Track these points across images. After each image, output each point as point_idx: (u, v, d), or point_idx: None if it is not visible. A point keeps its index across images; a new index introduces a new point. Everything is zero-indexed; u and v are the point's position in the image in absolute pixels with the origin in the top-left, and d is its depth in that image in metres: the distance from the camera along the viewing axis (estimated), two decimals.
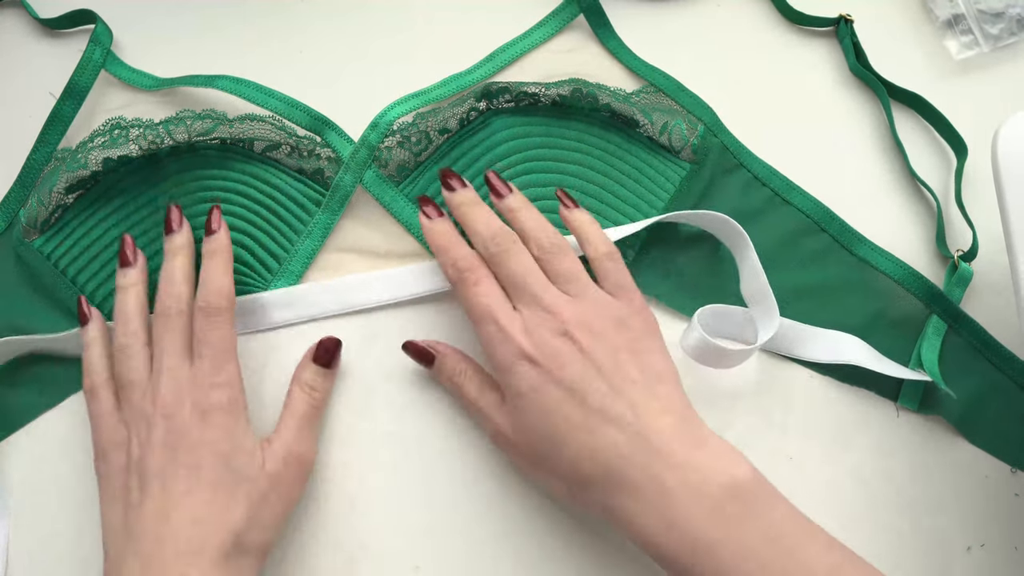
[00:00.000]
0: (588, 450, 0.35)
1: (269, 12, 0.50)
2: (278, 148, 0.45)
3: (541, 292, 0.39)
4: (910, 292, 0.44)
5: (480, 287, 0.39)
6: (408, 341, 0.42)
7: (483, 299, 0.39)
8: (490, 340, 0.38)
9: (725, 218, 0.43)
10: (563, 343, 0.37)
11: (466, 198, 0.42)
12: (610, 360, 0.37)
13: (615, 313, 0.38)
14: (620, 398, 0.36)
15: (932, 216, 0.46)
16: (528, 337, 0.37)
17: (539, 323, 0.38)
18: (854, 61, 0.48)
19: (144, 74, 0.48)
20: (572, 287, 0.39)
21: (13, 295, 0.44)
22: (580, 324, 0.37)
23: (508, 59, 0.48)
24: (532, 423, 0.37)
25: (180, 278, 0.41)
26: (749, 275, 0.43)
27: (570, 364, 0.37)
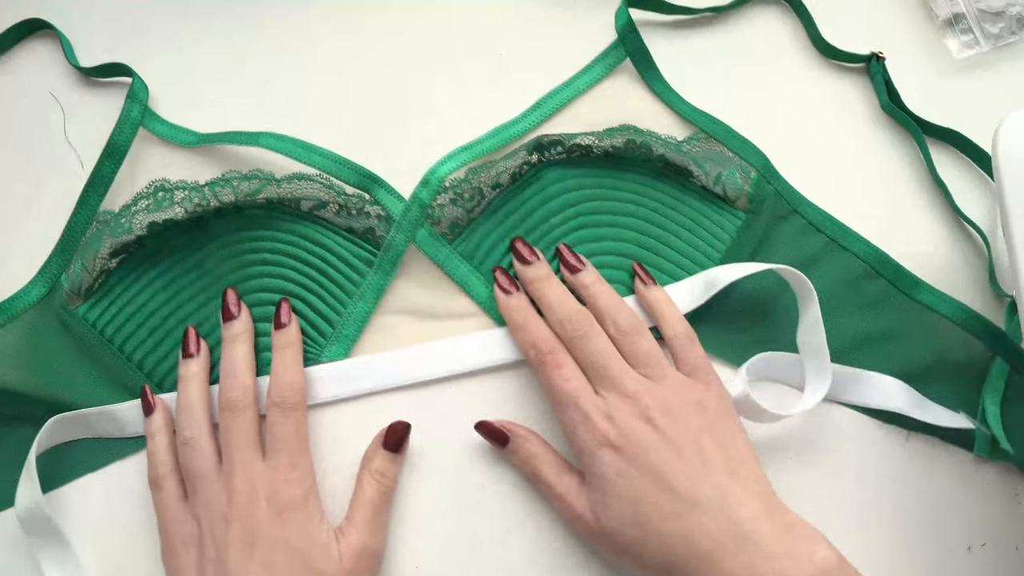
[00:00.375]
0: (679, 537, 0.35)
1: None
2: (326, 207, 0.44)
3: (621, 377, 0.39)
4: (971, 335, 0.44)
5: (562, 371, 0.39)
6: (482, 421, 0.41)
7: (566, 384, 0.39)
8: (573, 425, 0.38)
9: (793, 271, 0.42)
10: (647, 429, 0.37)
11: (540, 273, 0.42)
12: (693, 444, 0.37)
13: (694, 396, 0.38)
14: (706, 483, 0.36)
15: (980, 253, 0.46)
16: (612, 423, 0.38)
17: (622, 409, 0.38)
18: (886, 99, 0.48)
19: (183, 130, 0.46)
20: (651, 370, 0.39)
21: (57, 365, 0.42)
22: (662, 409, 0.38)
23: (555, 106, 0.47)
24: (619, 510, 0.37)
25: (244, 368, 0.40)
26: (808, 329, 0.43)
27: (655, 450, 0.37)
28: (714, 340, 0.44)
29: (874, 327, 0.44)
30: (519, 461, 0.41)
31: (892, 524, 0.42)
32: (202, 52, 0.49)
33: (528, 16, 0.50)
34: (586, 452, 0.38)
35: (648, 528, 0.36)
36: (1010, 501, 0.43)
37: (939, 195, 0.47)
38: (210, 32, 0.50)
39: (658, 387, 0.39)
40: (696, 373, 0.40)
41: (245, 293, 0.42)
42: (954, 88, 0.49)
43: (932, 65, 0.50)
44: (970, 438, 0.43)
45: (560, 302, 0.41)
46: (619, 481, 0.37)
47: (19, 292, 0.43)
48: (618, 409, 0.38)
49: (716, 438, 0.37)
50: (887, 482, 0.43)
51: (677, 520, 0.35)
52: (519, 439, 0.41)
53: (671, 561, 0.35)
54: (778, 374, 0.44)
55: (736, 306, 0.44)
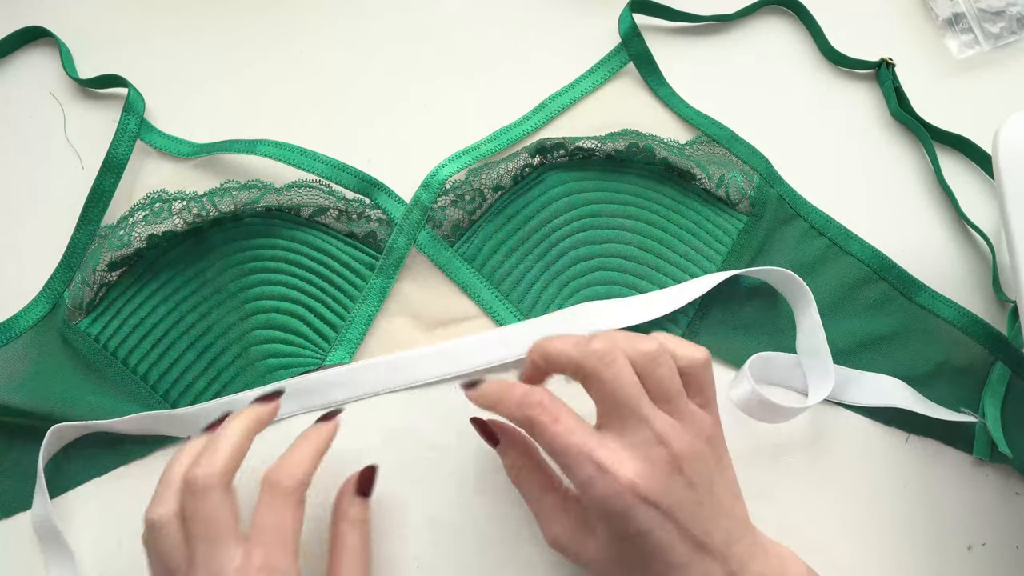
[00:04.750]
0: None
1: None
2: (325, 212, 0.44)
3: (652, 416, 0.34)
4: (973, 339, 0.44)
5: (561, 424, 0.33)
6: (476, 417, 0.40)
7: (571, 438, 0.33)
8: (590, 484, 0.33)
9: (790, 275, 0.43)
10: (676, 480, 0.33)
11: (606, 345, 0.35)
12: (709, 489, 0.34)
13: (708, 432, 0.35)
14: (715, 531, 0.34)
15: (985, 259, 0.46)
16: (641, 477, 0.33)
17: (651, 458, 0.33)
18: (895, 106, 0.48)
19: (180, 141, 0.46)
20: (674, 405, 0.34)
21: (59, 380, 0.42)
22: (689, 454, 0.34)
23: (558, 109, 0.47)
24: (627, 558, 0.34)
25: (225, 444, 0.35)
26: (808, 333, 0.43)
27: (681, 504, 0.33)
28: (715, 342, 0.44)
29: (876, 330, 0.44)
30: (505, 466, 0.39)
31: (892, 524, 0.42)
32: (199, 61, 0.49)
33: (531, 20, 0.50)
34: (609, 511, 0.33)
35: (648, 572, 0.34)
36: (1010, 501, 0.43)
37: (945, 200, 0.47)
38: (207, 41, 0.49)
39: (684, 429, 0.34)
40: (707, 403, 0.36)
41: (247, 301, 0.42)
42: (954, 88, 0.49)
43: (932, 65, 0.50)
44: (969, 440, 0.43)
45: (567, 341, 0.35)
46: (639, 539, 0.33)
47: (22, 311, 0.43)
48: (647, 457, 0.33)
49: (723, 477, 0.35)
50: (887, 482, 0.43)
51: (683, 570, 0.34)
52: (505, 447, 0.39)
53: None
54: (778, 375, 0.44)
55: (738, 307, 0.44)
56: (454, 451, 0.42)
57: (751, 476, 0.39)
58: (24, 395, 0.41)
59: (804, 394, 0.43)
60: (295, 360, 0.42)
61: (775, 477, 0.42)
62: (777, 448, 0.43)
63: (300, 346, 0.43)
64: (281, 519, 0.34)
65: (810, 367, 0.43)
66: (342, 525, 0.38)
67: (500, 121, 0.47)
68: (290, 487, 0.34)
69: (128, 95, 0.46)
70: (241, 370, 0.42)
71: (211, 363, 0.42)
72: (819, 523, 0.42)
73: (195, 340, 0.42)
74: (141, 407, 0.42)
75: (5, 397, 0.41)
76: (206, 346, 0.42)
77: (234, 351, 0.42)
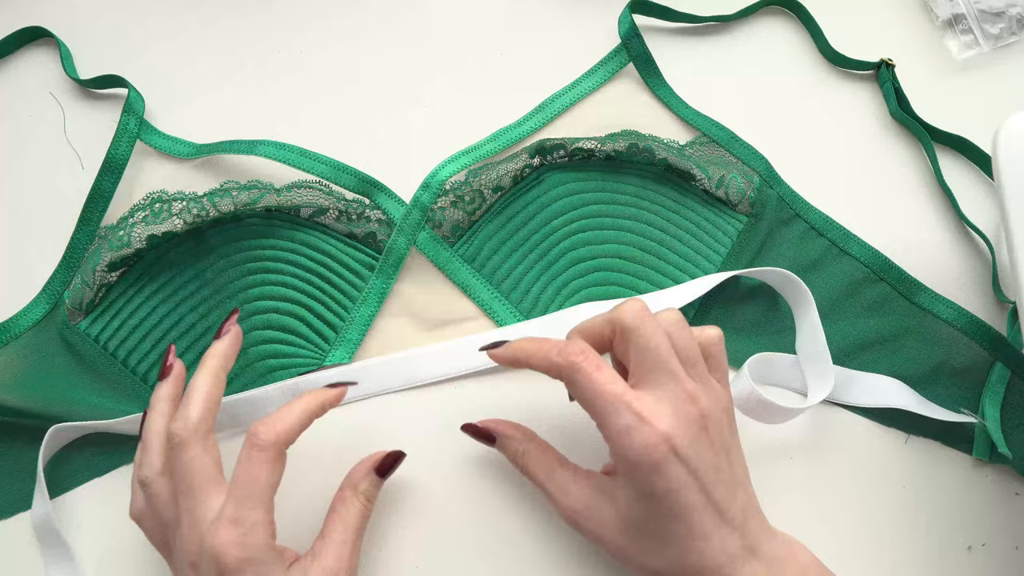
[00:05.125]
0: (698, 552, 0.34)
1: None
2: (325, 213, 0.44)
3: (682, 375, 0.34)
4: (973, 340, 0.44)
5: (603, 372, 0.34)
6: (467, 423, 0.40)
7: (611, 386, 0.34)
8: (627, 433, 0.33)
9: (790, 275, 0.43)
10: (703, 439, 0.34)
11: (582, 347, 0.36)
12: (727, 456, 0.35)
13: (726, 404, 0.36)
14: (734, 500, 0.34)
15: (985, 259, 0.46)
16: (676, 429, 0.33)
17: (683, 413, 0.34)
18: (895, 106, 0.48)
19: (180, 141, 0.46)
20: (696, 371, 0.35)
21: (59, 381, 0.42)
22: (713, 416, 0.35)
23: (558, 110, 0.47)
24: (650, 523, 0.34)
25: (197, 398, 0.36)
26: (807, 334, 0.43)
27: (706, 465, 0.34)
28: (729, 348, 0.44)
29: (875, 331, 0.44)
30: (509, 458, 0.39)
31: (892, 524, 0.42)
32: (199, 61, 0.49)
33: (531, 20, 0.50)
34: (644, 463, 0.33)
35: (673, 541, 0.34)
36: (1010, 501, 0.43)
37: (945, 200, 0.47)
38: (207, 41, 0.49)
39: (707, 391, 0.35)
40: (722, 378, 0.37)
41: (246, 301, 0.42)
42: (954, 88, 0.49)
43: (932, 65, 0.50)
44: (969, 441, 0.43)
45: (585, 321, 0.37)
46: (665, 497, 0.33)
47: (22, 311, 0.43)
48: (681, 413, 0.34)
49: (737, 450, 0.36)
50: (887, 482, 0.43)
51: (704, 539, 0.34)
52: (505, 437, 0.39)
53: (681, 570, 0.34)
54: (778, 376, 0.44)
55: (738, 307, 0.45)
56: (452, 450, 0.42)
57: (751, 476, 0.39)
58: (24, 395, 0.41)
59: (804, 394, 0.43)
60: (294, 360, 0.42)
61: (775, 477, 0.42)
62: (777, 448, 0.43)
63: (299, 346, 0.43)
64: (256, 473, 0.34)
65: (810, 368, 0.43)
66: (347, 491, 0.38)
67: (500, 122, 0.47)
68: (267, 442, 0.35)
69: (128, 95, 0.46)
70: (240, 370, 0.42)
71: None
72: (819, 523, 0.42)
73: (195, 340, 0.42)
74: (141, 407, 0.42)
75: (5, 397, 0.41)
76: (205, 346, 0.42)
77: None
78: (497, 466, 0.42)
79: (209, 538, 0.33)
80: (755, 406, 0.40)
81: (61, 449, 0.42)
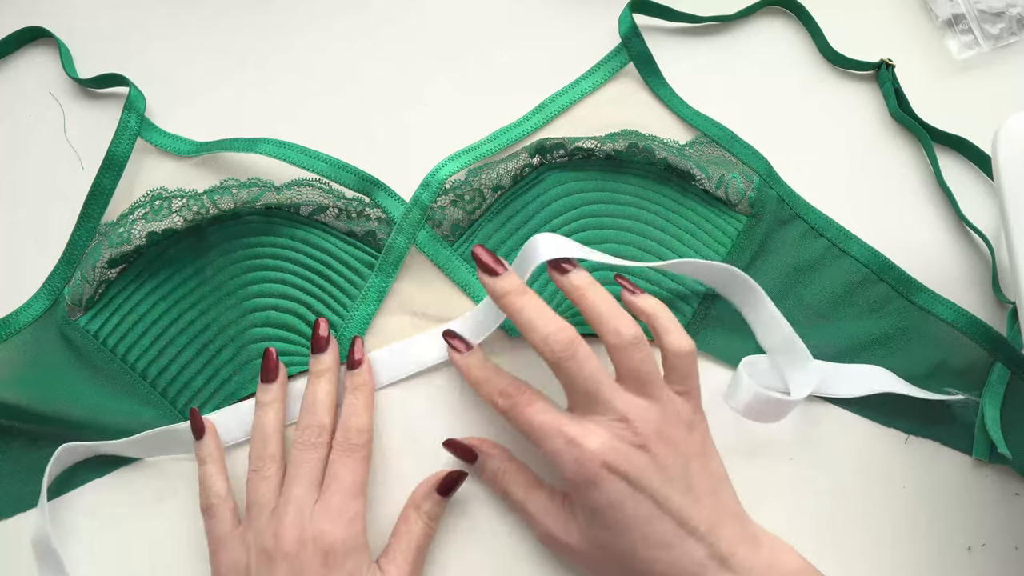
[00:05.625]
0: (665, 564, 0.35)
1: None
2: (325, 211, 0.44)
3: (614, 399, 0.36)
4: (973, 340, 0.44)
5: (535, 405, 0.37)
6: (449, 439, 0.41)
7: (543, 416, 0.37)
8: (560, 456, 0.36)
9: (733, 271, 0.42)
10: (642, 456, 0.36)
11: (511, 286, 0.38)
12: (684, 470, 0.36)
13: (685, 418, 0.37)
14: (696, 511, 0.36)
15: (984, 259, 0.46)
16: (605, 449, 0.35)
17: (616, 434, 0.36)
18: (895, 106, 0.48)
19: (181, 139, 0.46)
20: (649, 389, 0.37)
21: (58, 377, 0.42)
22: (657, 434, 0.36)
23: (558, 110, 0.47)
24: (607, 537, 0.36)
25: (325, 406, 0.40)
26: (768, 327, 0.42)
27: (650, 478, 0.35)
28: (716, 341, 0.44)
29: (875, 331, 0.44)
30: (486, 479, 0.41)
31: (892, 524, 0.42)
32: (199, 60, 0.49)
33: (531, 20, 0.50)
34: (580, 482, 0.36)
35: (635, 553, 0.35)
36: (1010, 502, 0.43)
37: (944, 201, 0.47)
38: (207, 40, 0.49)
39: (652, 409, 0.36)
40: (687, 390, 0.38)
41: (246, 299, 0.42)
42: (954, 88, 0.49)
43: (932, 66, 0.50)
44: (969, 441, 0.43)
45: (541, 317, 0.37)
46: (611, 511, 0.35)
47: (22, 307, 0.44)
48: (612, 435, 0.36)
49: (702, 462, 0.37)
50: (887, 483, 0.43)
51: (665, 549, 0.35)
52: (487, 456, 0.41)
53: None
54: (760, 378, 0.43)
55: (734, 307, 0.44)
56: None
57: (751, 477, 0.39)
58: (23, 391, 0.41)
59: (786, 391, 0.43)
60: (293, 358, 0.43)
61: (774, 478, 0.42)
62: (777, 449, 0.43)
63: (299, 344, 0.43)
64: (352, 472, 0.39)
65: (786, 361, 0.43)
66: (411, 511, 0.40)
67: (500, 121, 0.47)
68: (358, 444, 0.39)
69: (129, 93, 0.46)
70: (240, 367, 0.42)
71: (210, 360, 0.42)
72: (819, 523, 0.42)
73: (194, 337, 0.42)
74: (139, 404, 0.42)
75: (4, 394, 0.41)
76: (205, 343, 0.42)
77: (232, 348, 0.42)
78: None
79: (316, 525, 0.37)
80: (760, 406, 0.40)
81: None
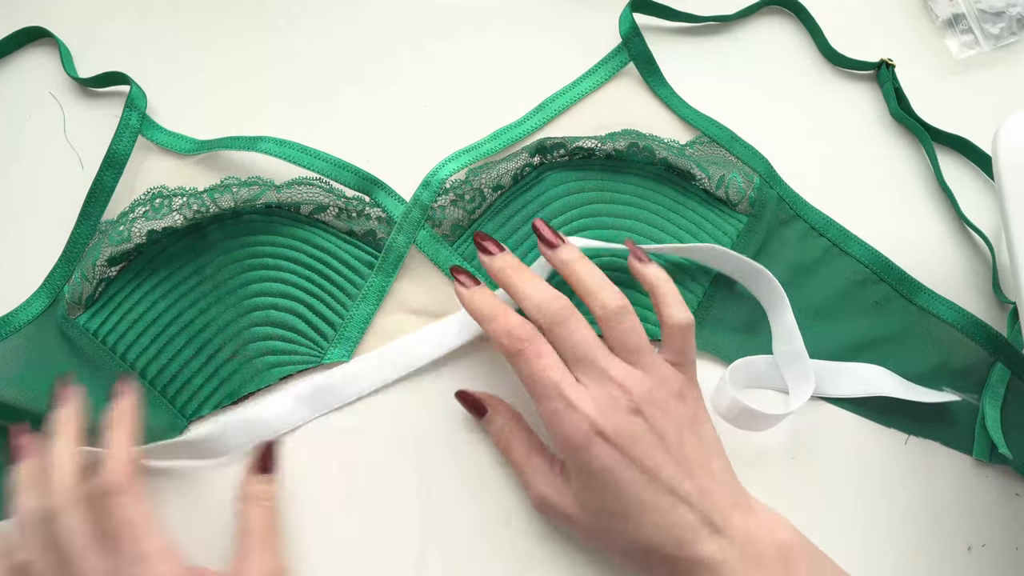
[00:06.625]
0: (659, 528, 0.35)
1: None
2: (325, 210, 0.44)
3: (608, 365, 0.37)
4: (973, 340, 0.44)
5: (543, 360, 0.37)
6: (461, 390, 0.42)
7: (549, 373, 0.36)
8: (557, 417, 0.36)
9: (764, 272, 0.43)
10: (635, 421, 0.36)
11: (507, 262, 0.39)
12: (676, 438, 0.36)
13: (677, 387, 0.37)
14: (688, 478, 0.36)
15: (985, 259, 0.46)
16: (600, 415, 0.36)
17: (609, 400, 0.36)
18: (895, 106, 0.48)
19: (182, 137, 0.46)
20: (637, 357, 0.37)
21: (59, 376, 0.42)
22: (649, 400, 0.36)
23: (558, 109, 0.47)
24: (600, 501, 0.36)
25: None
26: (784, 336, 0.43)
27: (642, 443, 0.36)
28: (715, 341, 0.44)
29: (875, 331, 0.44)
30: (492, 434, 0.41)
31: (892, 524, 0.42)
32: (200, 58, 0.49)
33: (531, 20, 0.50)
34: (572, 445, 0.36)
35: (628, 517, 0.36)
36: (1010, 502, 0.43)
37: (945, 201, 0.47)
38: (208, 37, 0.49)
39: (645, 377, 0.37)
40: (682, 362, 0.38)
41: (245, 297, 0.42)
42: (954, 88, 0.49)
43: (932, 65, 0.50)
44: (969, 441, 0.43)
45: (535, 288, 0.38)
46: (605, 475, 0.36)
47: (21, 305, 0.43)
48: (606, 400, 0.36)
49: (695, 431, 0.37)
50: (887, 483, 0.43)
51: (658, 513, 0.35)
52: (493, 412, 0.41)
53: (645, 548, 0.36)
54: (759, 378, 0.44)
55: (738, 308, 0.45)
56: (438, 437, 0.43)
57: (751, 477, 0.39)
58: (22, 390, 0.41)
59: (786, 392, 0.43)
60: (293, 357, 0.42)
61: (775, 477, 0.42)
62: (778, 448, 0.43)
63: (298, 343, 0.43)
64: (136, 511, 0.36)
65: (788, 371, 0.43)
66: (243, 505, 0.39)
67: (500, 121, 0.47)
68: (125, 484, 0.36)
69: (130, 91, 0.46)
70: (239, 366, 0.42)
71: (209, 359, 0.42)
72: (819, 524, 0.41)
73: (193, 336, 0.42)
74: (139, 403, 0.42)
75: (3, 392, 0.41)
76: (204, 342, 0.42)
77: (232, 347, 0.42)
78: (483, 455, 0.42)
79: None
80: (739, 415, 0.40)
81: None
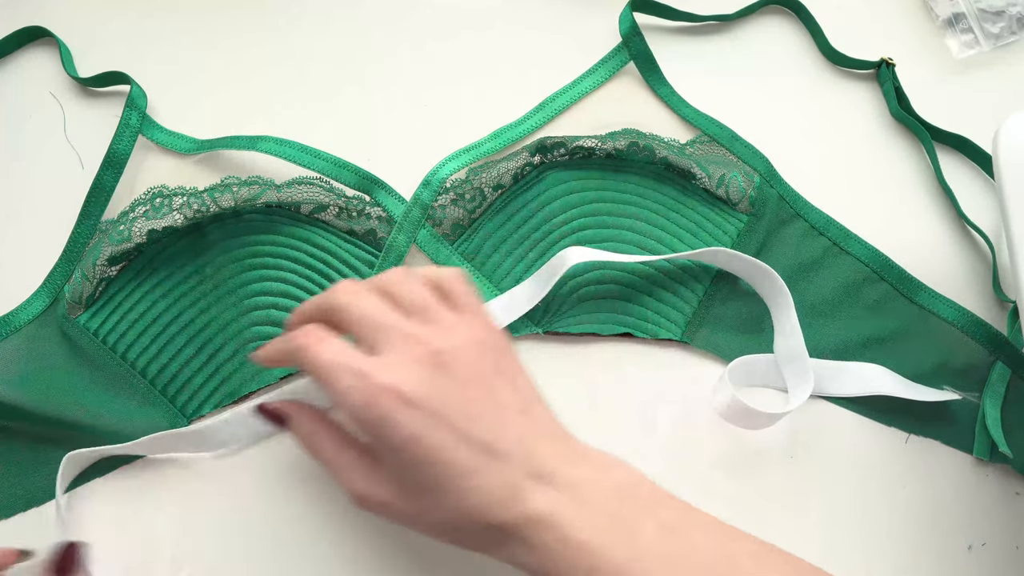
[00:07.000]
0: (480, 492, 0.32)
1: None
2: (325, 209, 0.44)
3: (398, 322, 0.34)
4: (973, 339, 0.44)
5: (324, 344, 0.33)
6: (261, 404, 0.38)
7: (331, 355, 0.33)
8: (349, 393, 0.32)
9: (769, 272, 0.43)
10: (439, 375, 0.33)
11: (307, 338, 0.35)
12: (486, 387, 0.34)
13: (477, 336, 0.35)
14: (505, 430, 0.33)
15: (985, 259, 0.46)
16: (398, 378, 0.32)
17: (407, 359, 0.33)
18: (895, 106, 0.48)
19: (182, 137, 0.46)
20: (423, 315, 0.35)
21: (59, 375, 0.42)
22: (450, 352, 0.33)
23: (558, 109, 0.47)
24: (412, 477, 0.33)
25: None
26: (787, 334, 0.43)
27: (451, 399, 0.32)
28: (715, 341, 0.44)
29: (876, 331, 0.44)
30: (301, 440, 0.37)
31: (892, 523, 0.42)
32: (200, 58, 0.49)
33: (532, 19, 0.50)
34: (373, 419, 0.32)
35: (444, 488, 0.32)
36: (1010, 501, 0.43)
37: (945, 200, 0.47)
38: (208, 37, 0.49)
39: (440, 330, 0.34)
40: (471, 311, 0.36)
41: (246, 297, 0.42)
42: (954, 88, 0.49)
43: (932, 65, 0.50)
44: (970, 440, 0.43)
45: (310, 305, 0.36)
46: (412, 446, 0.32)
47: (22, 305, 0.43)
48: (403, 360, 0.33)
49: (506, 379, 0.34)
50: (887, 482, 0.43)
51: (475, 476, 0.32)
52: (295, 418, 0.37)
53: (470, 519, 0.32)
54: (760, 377, 0.44)
55: (738, 308, 0.45)
56: None
57: (750, 477, 0.39)
58: (22, 390, 0.41)
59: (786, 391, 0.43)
60: None
61: (774, 477, 0.42)
62: (777, 448, 0.43)
63: None
64: None
65: (788, 370, 0.43)
66: None
67: (501, 120, 0.47)
68: None
69: (130, 91, 0.46)
70: (240, 365, 0.42)
71: (210, 358, 0.42)
72: (819, 523, 0.42)
73: (194, 335, 0.42)
74: (139, 402, 0.42)
75: (3, 392, 0.41)
76: (205, 341, 0.42)
77: (233, 346, 0.42)
78: None
79: None
80: (738, 413, 0.40)
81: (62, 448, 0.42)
